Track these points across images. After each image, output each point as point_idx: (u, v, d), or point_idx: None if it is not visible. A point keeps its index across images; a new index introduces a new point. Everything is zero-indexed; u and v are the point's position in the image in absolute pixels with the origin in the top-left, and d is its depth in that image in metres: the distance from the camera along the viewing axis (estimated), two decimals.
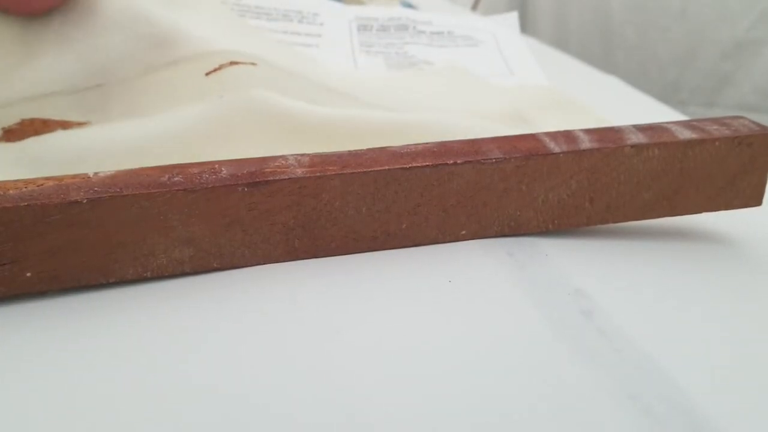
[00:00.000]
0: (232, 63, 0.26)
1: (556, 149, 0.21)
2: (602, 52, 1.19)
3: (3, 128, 0.24)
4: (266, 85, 0.26)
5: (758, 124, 0.23)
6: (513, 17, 0.54)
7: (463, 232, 0.22)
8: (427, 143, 0.21)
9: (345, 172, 0.20)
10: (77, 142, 0.22)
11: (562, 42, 1.21)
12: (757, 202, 0.24)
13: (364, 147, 0.21)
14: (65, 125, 0.24)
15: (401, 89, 0.36)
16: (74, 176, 0.18)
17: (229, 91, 0.25)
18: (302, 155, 0.20)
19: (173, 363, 0.17)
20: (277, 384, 0.16)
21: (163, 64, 0.26)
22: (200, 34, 0.27)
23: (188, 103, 0.24)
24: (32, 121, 0.25)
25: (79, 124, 0.24)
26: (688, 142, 0.22)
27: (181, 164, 0.19)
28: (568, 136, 0.22)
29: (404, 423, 0.15)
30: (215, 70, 0.26)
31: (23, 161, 0.21)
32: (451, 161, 0.21)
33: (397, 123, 0.27)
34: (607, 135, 0.22)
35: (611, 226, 0.24)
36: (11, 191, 0.17)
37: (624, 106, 0.42)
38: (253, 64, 0.27)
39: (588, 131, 0.22)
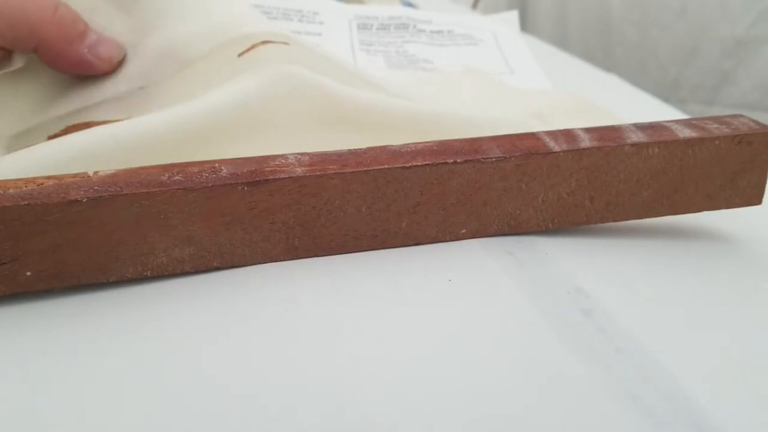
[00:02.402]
0: (265, 42, 0.26)
1: (556, 148, 0.21)
2: (602, 51, 1.19)
3: (48, 136, 0.25)
4: (300, 64, 0.25)
5: (758, 123, 0.23)
6: (513, 16, 0.54)
7: (463, 230, 0.22)
8: (427, 142, 0.21)
9: (345, 170, 0.20)
10: (114, 132, 0.22)
11: (562, 40, 1.21)
12: (758, 200, 0.24)
13: (396, 135, 0.21)
14: (106, 124, 0.25)
15: (423, 90, 0.36)
16: (74, 175, 0.18)
17: (263, 68, 0.25)
18: (302, 154, 0.20)
19: (173, 362, 0.17)
20: (277, 382, 0.16)
21: (200, 57, 0.26)
22: (231, 20, 0.27)
23: (222, 84, 0.24)
24: (75, 125, 0.25)
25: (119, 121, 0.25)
26: (688, 141, 0.22)
27: (181, 163, 0.19)
28: (567, 134, 0.22)
29: (404, 420, 0.15)
30: (248, 50, 0.26)
31: (62, 158, 0.21)
32: (451, 160, 0.21)
33: (440, 115, 0.26)
34: (607, 134, 0.22)
35: (611, 224, 0.24)
36: (11, 190, 0.17)
37: (624, 105, 0.42)
38: (285, 43, 0.26)
39: (588, 130, 0.22)
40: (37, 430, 0.14)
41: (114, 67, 0.26)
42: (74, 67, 0.25)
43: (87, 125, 0.25)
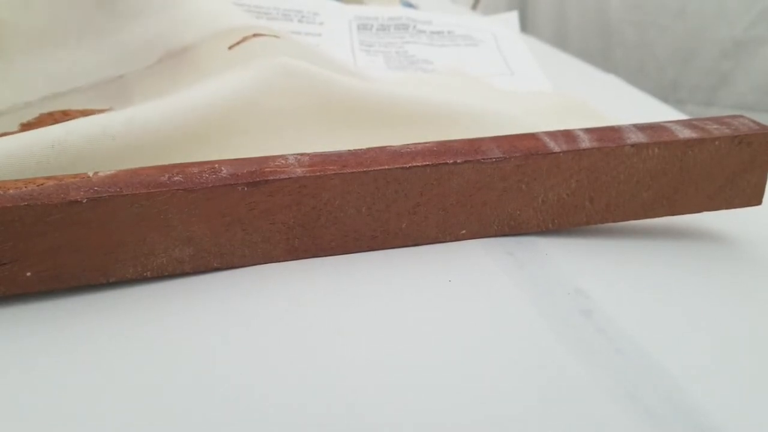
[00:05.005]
0: (256, 35, 0.26)
1: (556, 148, 0.21)
2: (601, 51, 1.19)
3: (21, 124, 0.24)
4: (294, 56, 0.25)
5: (758, 123, 0.23)
6: (513, 17, 0.54)
7: (463, 231, 0.22)
8: (426, 142, 0.21)
9: (345, 171, 0.20)
10: (112, 132, 0.21)
11: (561, 41, 1.21)
12: (758, 201, 0.24)
13: (394, 125, 0.21)
14: (86, 113, 0.24)
15: (422, 90, 0.36)
16: (74, 176, 0.18)
17: (258, 60, 0.24)
18: (302, 154, 0.20)
19: (173, 362, 0.17)
20: (277, 382, 0.16)
21: (184, 48, 0.26)
22: (221, 13, 0.27)
23: (215, 76, 0.24)
24: (51, 114, 0.24)
25: (101, 111, 0.24)
26: (688, 142, 0.22)
27: (181, 164, 0.19)
28: (567, 135, 0.22)
29: (404, 421, 0.15)
30: (238, 43, 0.25)
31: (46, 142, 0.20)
32: (451, 160, 0.21)
33: (439, 106, 0.26)
34: (607, 134, 0.22)
35: (611, 225, 0.24)
36: (11, 191, 0.17)
37: (623, 105, 0.42)
38: (276, 36, 0.26)
39: (588, 130, 0.22)
40: (37, 430, 0.14)
41: None
42: None
43: (65, 113, 0.24)
